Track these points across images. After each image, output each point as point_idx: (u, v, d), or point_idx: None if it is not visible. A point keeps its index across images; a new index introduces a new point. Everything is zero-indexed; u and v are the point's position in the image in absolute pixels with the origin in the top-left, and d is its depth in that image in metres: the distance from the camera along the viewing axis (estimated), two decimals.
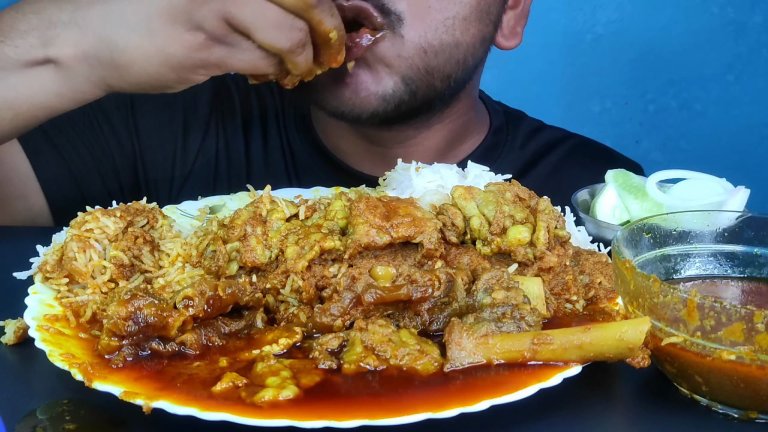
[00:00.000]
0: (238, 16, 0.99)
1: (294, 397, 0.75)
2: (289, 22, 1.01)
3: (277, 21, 1.00)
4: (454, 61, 1.37)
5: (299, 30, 1.02)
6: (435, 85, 1.37)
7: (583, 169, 1.55)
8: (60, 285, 0.97)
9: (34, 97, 1.09)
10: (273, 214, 0.97)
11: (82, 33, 1.05)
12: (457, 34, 1.34)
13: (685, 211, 1.00)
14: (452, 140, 1.56)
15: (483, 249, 0.97)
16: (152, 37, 1.01)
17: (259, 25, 1.00)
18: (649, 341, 0.80)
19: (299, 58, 1.06)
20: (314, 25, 1.04)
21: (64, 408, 0.78)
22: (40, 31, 1.07)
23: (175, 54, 1.02)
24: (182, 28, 1.00)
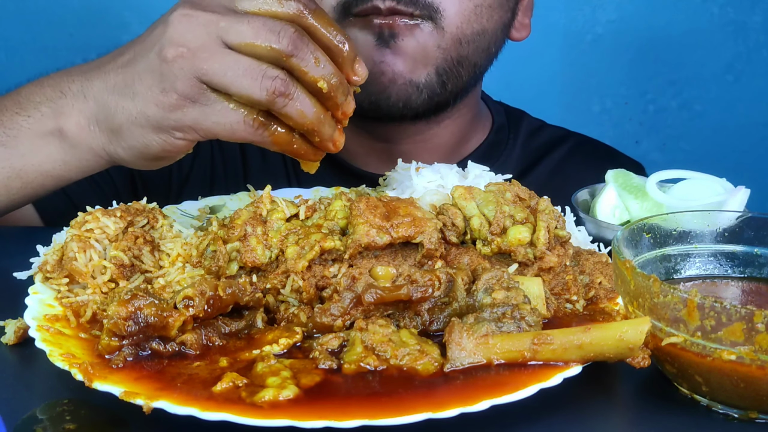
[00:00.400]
0: (209, 71, 0.96)
1: (294, 397, 0.75)
2: (262, 71, 0.95)
3: (250, 70, 0.95)
4: (481, 49, 1.41)
5: (273, 78, 0.95)
6: (461, 74, 1.40)
7: (585, 167, 1.55)
8: (60, 285, 0.97)
9: (42, 166, 1.11)
10: (273, 214, 0.97)
11: (86, 101, 1.07)
12: (484, 21, 1.38)
13: (685, 211, 1.00)
14: (460, 138, 1.57)
15: (483, 249, 0.97)
16: (134, 100, 1.01)
17: (229, 77, 0.95)
18: (649, 341, 0.80)
19: (289, 110, 0.96)
20: (297, 75, 0.97)
21: (64, 408, 0.78)
22: (53, 102, 1.10)
23: (153, 115, 1.00)
24: (156, 88, 0.99)
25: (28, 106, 1.12)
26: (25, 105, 1.12)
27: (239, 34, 0.95)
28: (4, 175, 1.12)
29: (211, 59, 0.96)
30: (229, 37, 0.95)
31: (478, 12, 1.36)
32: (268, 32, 0.95)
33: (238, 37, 0.95)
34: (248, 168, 1.60)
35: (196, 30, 0.96)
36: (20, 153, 1.11)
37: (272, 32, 0.95)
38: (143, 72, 1.01)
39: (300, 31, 0.96)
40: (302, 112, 0.97)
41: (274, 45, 0.94)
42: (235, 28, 0.95)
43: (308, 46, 0.96)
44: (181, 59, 0.97)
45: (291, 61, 0.95)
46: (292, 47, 0.95)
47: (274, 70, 0.95)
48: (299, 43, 0.95)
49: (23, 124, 1.11)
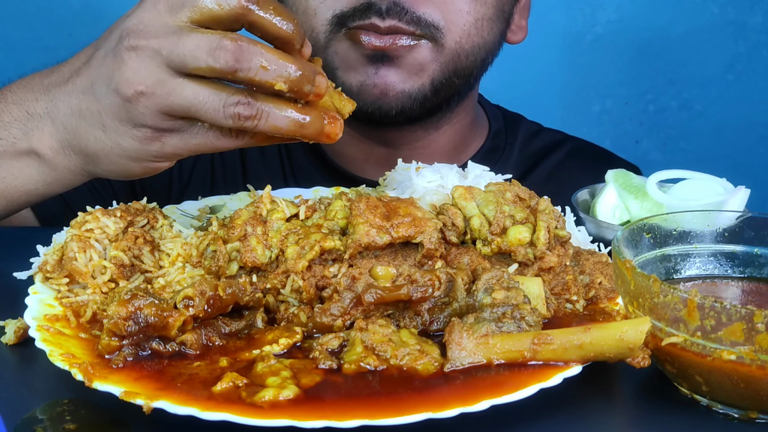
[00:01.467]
0: (173, 106, 0.92)
1: (294, 397, 0.75)
2: (221, 100, 0.91)
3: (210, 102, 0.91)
4: (480, 60, 1.42)
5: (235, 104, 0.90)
6: (456, 83, 1.41)
7: (582, 171, 1.56)
8: (60, 285, 0.97)
9: (25, 186, 1.10)
10: (273, 214, 0.97)
11: (54, 125, 1.05)
12: (484, 34, 1.39)
13: (685, 211, 1.00)
14: (458, 143, 1.57)
15: (483, 249, 0.97)
16: (106, 132, 0.99)
17: (194, 111, 0.92)
18: (649, 341, 0.80)
19: (261, 128, 0.92)
20: (254, 85, 0.91)
21: (64, 408, 0.78)
22: (21, 123, 1.08)
23: (129, 146, 0.98)
24: (128, 125, 0.96)
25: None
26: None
27: (181, 60, 0.91)
28: None
29: (171, 95, 0.92)
30: (174, 64, 0.91)
31: (478, 26, 1.37)
32: (203, 53, 0.90)
33: (182, 63, 0.91)
34: (247, 170, 1.60)
35: (146, 65, 0.93)
36: (0, 176, 1.10)
37: (208, 52, 0.89)
38: (107, 106, 0.97)
39: (236, 40, 0.89)
40: (276, 126, 0.92)
41: (212, 65, 0.89)
42: (177, 54, 0.91)
43: (249, 54, 0.89)
44: (142, 97, 0.93)
45: (238, 75, 0.90)
46: (233, 62, 0.89)
47: (233, 96, 0.91)
48: (237, 54, 0.89)
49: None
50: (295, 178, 1.58)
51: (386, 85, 1.34)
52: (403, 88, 1.35)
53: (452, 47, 1.35)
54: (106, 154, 1.01)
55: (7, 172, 1.10)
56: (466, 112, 1.55)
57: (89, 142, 1.01)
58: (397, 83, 1.34)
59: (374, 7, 1.28)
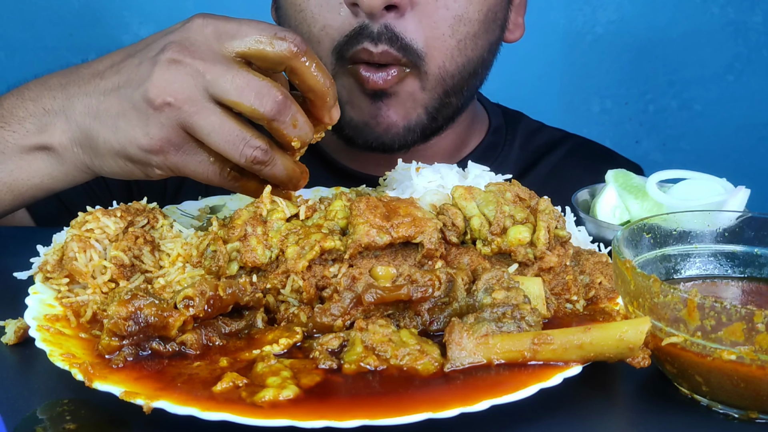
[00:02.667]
0: (194, 126, 0.97)
1: (294, 397, 0.75)
2: (245, 140, 0.98)
3: (233, 137, 0.97)
4: (467, 75, 1.42)
5: (254, 148, 0.98)
6: (451, 102, 1.42)
7: (583, 169, 1.55)
8: (60, 285, 0.97)
9: (32, 180, 1.12)
10: (273, 214, 0.97)
11: (68, 122, 1.07)
12: (469, 52, 1.39)
13: (685, 211, 1.00)
14: (458, 143, 1.58)
15: (483, 249, 0.97)
16: (116, 134, 1.02)
17: (213, 139, 0.97)
18: (649, 341, 0.80)
19: (264, 173, 1.01)
20: (275, 135, 1.00)
21: (64, 408, 0.78)
22: (36, 118, 1.10)
23: (134, 154, 1.02)
24: (140, 131, 1.00)
25: (11, 120, 1.12)
26: (9, 119, 1.12)
27: (224, 91, 0.96)
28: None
29: (197, 115, 0.97)
30: (214, 91, 0.96)
31: (461, 47, 1.37)
32: (252, 94, 0.96)
33: (223, 94, 0.96)
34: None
35: (184, 80, 0.97)
36: (9, 168, 1.11)
37: (257, 95, 0.96)
38: (127, 109, 1.01)
39: (284, 94, 0.97)
40: (275, 175, 1.02)
41: (257, 108, 0.96)
42: (221, 84, 0.96)
43: (290, 110, 0.98)
44: (168, 108, 0.97)
45: (272, 124, 0.98)
46: (275, 112, 0.97)
47: (255, 140, 0.98)
48: (282, 107, 0.97)
49: (9, 139, 1.11)
50: None
51: (388, 124, 1.38)
52: (404, 124, 1.39)
53: (436, 73, 1.36)
54: (111, 156, 1.04)
55: (16, 166, 1.11)
56: (466, 113, 1.55)
57: (98, 142, 1.04)
58: (398, 121, 1.38)
59: (366, 31, 1.30)
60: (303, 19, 1.37)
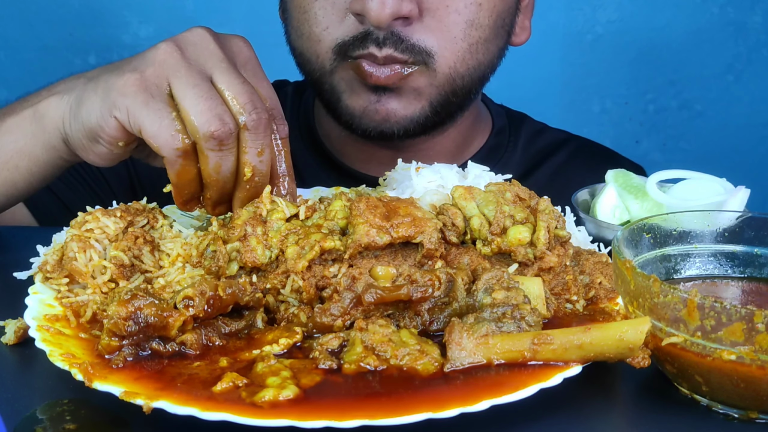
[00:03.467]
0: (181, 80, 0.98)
1: (294, 397, 0.75)
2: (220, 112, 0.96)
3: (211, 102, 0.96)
4: (477, 79, 1.43)
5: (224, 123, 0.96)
6: (454, 101, 1.42)
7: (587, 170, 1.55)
8: (60, 285, 0.97)
9: (17, 142, 1.14)
10: (273, 214, 0.97)
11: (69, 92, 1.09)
12: (480, 56, 1.39)
13: (685, 211, 1.00)
14: (461, 143, 1.58)
15: (483, 249, 0.97)
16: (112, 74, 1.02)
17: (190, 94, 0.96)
18: (649, 341, 0.80)
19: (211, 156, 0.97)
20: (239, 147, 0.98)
21: (64, 408, 0.78)
22: (39, 97, 1.14)
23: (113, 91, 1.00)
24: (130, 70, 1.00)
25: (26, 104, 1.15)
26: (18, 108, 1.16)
27: (228, 82, 0.98)
28: None
29: (189, 76, 0.97)
30: (215, 76, 0.98)
31: (473, 50, 1.38)
32: (249, 99, 0.97)
33: (222, 82, 0.98)
34: None
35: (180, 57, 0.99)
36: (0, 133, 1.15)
37: (251, 101, 0.97)
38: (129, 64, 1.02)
39: (271, 121, 0.99)
40: (219, 167, 0.97)
41: (247, 110, 0.96)
42: (226, 76, 0.98)
43: (267, 135, 0.98)
44: (168, 59, 0.99)
45: (245, 133, 0.97)
46: (256, 124, 0.97)
47: (230, 118, 0.96)
48: (264, 127, 0.98)
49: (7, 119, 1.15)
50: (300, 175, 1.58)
51: (388, 112, 1.37)
52: (405, 114, 1.38)
53: (446, 72, 1.36)
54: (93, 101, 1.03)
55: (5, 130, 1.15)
56: (469, 112, 1.56)
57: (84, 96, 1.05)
58: (398, 110, 1.37)
59: (372, 36, 1.30)
60: (306, 20, 1.37)
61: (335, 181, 1.45)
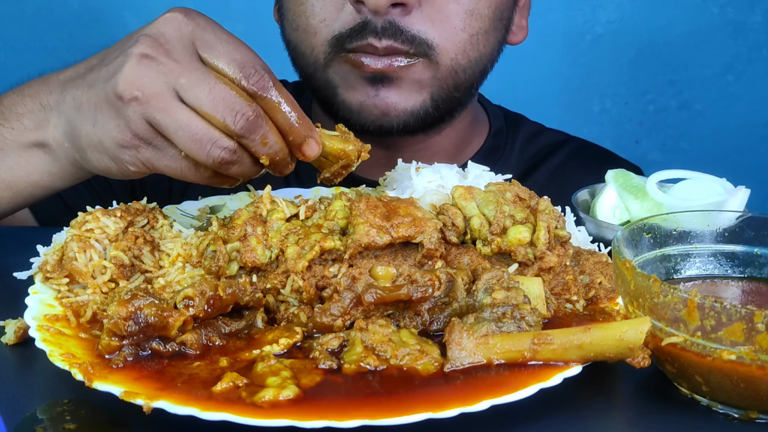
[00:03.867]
0: (162, 124, 0.95)
1: (294, 397, 0.75)
2: (211, 140, 0.94)
3: (199, 137, 0.94)
4: (479, 72, 1.42)
5: (222, 149, 0.95)
6: (456, 96, 1.41)
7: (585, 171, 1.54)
8: (60, 285, 0.97)
9: (31, 177, 1.12)
10: (273, 214, 0.97)
11: (59, 116, 1.07)
12: (481, 47, 1.39)
13: (685, 211, 1.00)
14: (459, 143, 1.57)
15: (483, 249, 0.97)
16: (95, 127, 1.01)
17: (180, 137, 0.95)
18: (649, 341, 0.80)
19: (232, 172, 0.98)
20: (247, 149, 0.97)
21: (64, 408, 0.78)
22: (33, 114, 1.10)
23: (109, 147, 1.00)
24: (112, 123, 0.98)
25: (11, 117, 1.12)
26: (8, 116, 1.12)
27: (197, 98, 0.94)
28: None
29: (164, 111, 0.94)
30: (186, 95, 0.94)
31: (474, 41, 1.36)
32: (226, 109, 0.93)
33: (197, 103, 0.94)
34: None
35: (154, 77, 0.95)
36: (8, 165, 1.12)
37: (230, 111, 0.93)
38: (101, 101, 0.99)
39: (257, 113, 0.95)
40: (244, 173, 0.99)
41: (228, 125, 0.94)
42: (195, 91, 0.94)
43: (260, 129, 0.95)
44: (135, 102, 0.95)
45: (241, 140, 0.95)
46: (245, 131, 0.94)
47: (224, 140, 0.95)
48: (252, 126, 0.94)
49: (7, 135, 1.11)
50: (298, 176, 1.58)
51: (387, 105, 1.35)
52: (405, 106, 1.36)
53: (448, 64, 1.35)
54: (92, 150, 1.03)
55: (15, 163, 1.12)
56: (466, 113, 1.55)
57: (81, 135, 1.03)
58: (398, 103, 1.35)
59: (370, 26, 1.29)
60: (302, 12, 1.36)
61: None
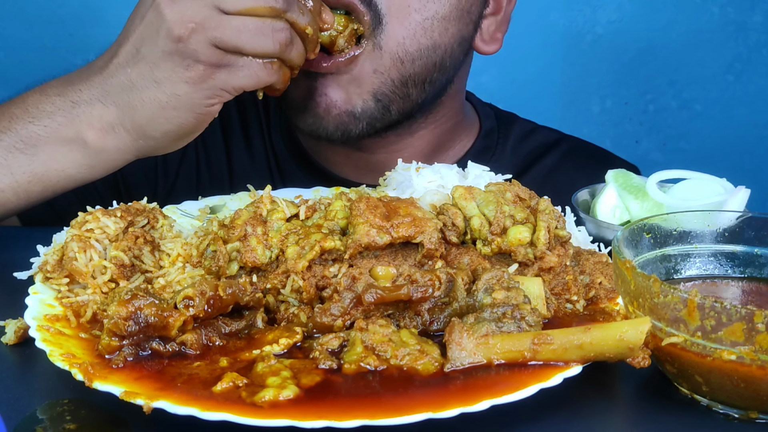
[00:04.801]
0: (225, 38, 1.05)
1: (294, 397, 0.75)
2: (270, 27, 1.06)
3: (259, 30, 1.06)
4: (431, 64, 1.33)
5: (281, 30, 1.07)
6: (410, 94, 1.34)
7: (579, 172, 1.52)
8: (60, 285, 0.97)
9: (66, 171, 1.15)
10: (273, 214, 0.97)
11: (105, 107, 1.11)
12: (435, 36, 1.31)
13: (686, 211, 1.00)
14: (437, 146, 1.52)
15: (483, 249, 0.97)
16: (160, 87, 1.07)
17: (244, 39, 1.05)
18: (649, 341, 0.80)
19: (293, 55, 1.10)
20: (291, 25, 1.09)
21: (64, 408, 0.78)
22: (65, 111, 1.13)
23: (186, 92, 1.07)
24: (180, 68, 1.06)
25: (40, 115, 1.14)
26: (37, 114, 1.14)
27: (238, 2, 1.05)
28: (25, 180, 1.14)
29: (221, 27, 1.04)
30: (227, 5, 1.05)
31: (427, 25, 1.28)
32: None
33: (238, 5, 1.05)
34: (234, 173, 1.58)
35: (194, 5, 1.05)
36: (41, 160, 1.13)
37: None
38: (158, 59, 1.06)
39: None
40: (300, 54, 1.12)
41: (273, 5, 1.06)
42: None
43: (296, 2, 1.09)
44: (194, 34, 1.04)
45: (287, 15, 1.07)
46: (286, 4, 1.07)
47: (278, 22, 1.07)
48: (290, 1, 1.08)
49: (40, 132, 1.13)
50: (283, 180, 1.57)
51: (328, 104, 1.30)
52: (346, 108, 1.31)
53: (393, 50, 1.28)
54: (161, 113, 1.09)
55: (50, 157, 1.14)
56: (446, 117, 1.50)
57: (144, 107, 1.09)
58: (339, 102, 1.30)
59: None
60: None
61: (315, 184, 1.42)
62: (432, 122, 1.48)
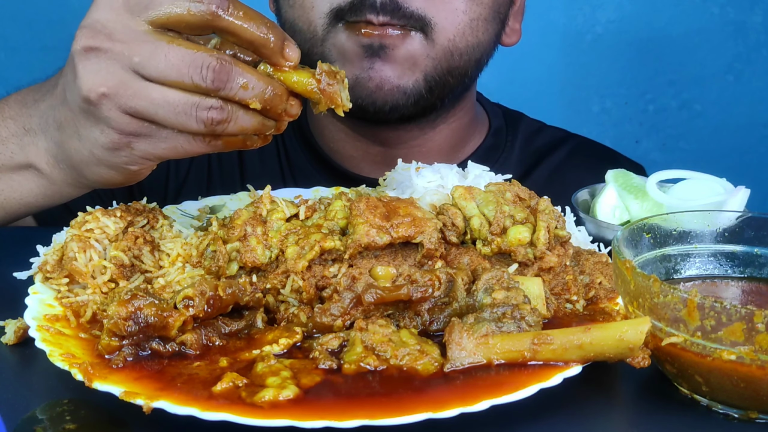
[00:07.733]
0: (139, 109, 0.89)
1: (294, 397, 0.75)
2: (194, 105, 0.88)
3: (181, 107, 0.88)
4: (474, 60, 1.42)
5: (208, 109, 0.88)
6: (450, 82, 1.41)
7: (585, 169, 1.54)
8: (60, 285, 0.97)
9: (24, 199, 1.11)
10: (273, 214, 0.97)
11: (46, 140, 1.05)
12: (480, 35, 1.39)
13: (685, 211, 1.00)
14: (455, 142, 1.57)
15: (483, 249, 0.97)
16: (81, 141, 0.96)
17: (162, 115, 0.89)
18: (649, 341, 0.80)
19: (230, 131, 0.91)
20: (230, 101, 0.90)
21: (64, 408, 0.78)
22: (18, 138, 1.09)
23: (102, 155, 0.95)
24: (96, 130, 0.93)
25: None
26: None
27: (158, 71, 0.88)
28: None
29: (137, 96, 0.89)
30: (146, 72, 0.88)
31: (473, 26, 1.37)
32: (189, 69, 0.87)
33: (158, 74, 0.88)
34: (245, 170, 1.59)
35: (108, 66, 0.89)
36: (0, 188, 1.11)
37: (193, 69, 0.87)
38: (76, 114, 0.95)
39: (220, 60, 0.88)
40: (243, 128, 0.92)
41: (198, 83, 0.87)
42: (152, 65, 0.88)
43: (233, 73, 0.88)
44: (105, 99, 0.90)
45: (219, 94, 0.89)
46: (218, 82, 0.88)
47: (205, 100, 0.89)
48: (223, 74, 0.88)
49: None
50: (294, 177, 1.58)
51: (381, 79, 1.34)
52: (398, 83, 1.35)
53: (445, 45, 1.35)
54: (87, 165, 0.99)
55: (6, 185, 1.11)
56: (464, 111, 1.55)
57: (72, 153, 1.00)
58: (392, 78, 1.35)
59: (368, 2, 1.29)
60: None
61: (327, 182, 1.44)
62: (452, 117, 1.53)
